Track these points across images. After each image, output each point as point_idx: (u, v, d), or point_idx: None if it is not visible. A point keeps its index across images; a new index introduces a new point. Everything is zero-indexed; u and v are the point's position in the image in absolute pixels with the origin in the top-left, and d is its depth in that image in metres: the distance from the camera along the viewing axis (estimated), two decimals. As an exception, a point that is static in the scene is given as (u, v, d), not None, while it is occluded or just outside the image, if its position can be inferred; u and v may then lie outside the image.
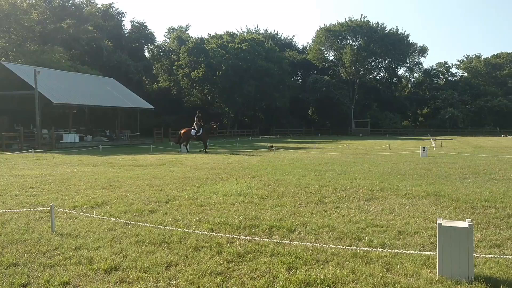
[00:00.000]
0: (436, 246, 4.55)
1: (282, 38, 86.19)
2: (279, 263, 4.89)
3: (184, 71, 59.66)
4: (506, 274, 4.47)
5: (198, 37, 64.37)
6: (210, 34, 65.78)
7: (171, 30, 74.87)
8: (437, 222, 4.44)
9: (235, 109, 61.83)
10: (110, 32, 58.78)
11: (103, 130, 40.79)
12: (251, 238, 5.86)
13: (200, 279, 4.44)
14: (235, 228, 6.50)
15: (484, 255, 5.01)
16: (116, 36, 59.65)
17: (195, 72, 58.26)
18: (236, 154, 23.20)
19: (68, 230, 6.33)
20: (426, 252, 5.11)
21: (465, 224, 4.37)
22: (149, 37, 66.56)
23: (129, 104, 41.14)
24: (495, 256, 4.97)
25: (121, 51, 58.04)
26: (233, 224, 6.67)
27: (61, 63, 44.57)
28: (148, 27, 67.46)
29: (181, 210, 7.83)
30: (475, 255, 4.86)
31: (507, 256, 4.94)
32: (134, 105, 41.85)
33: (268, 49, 63.46)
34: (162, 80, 64.60)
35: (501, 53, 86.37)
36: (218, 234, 6.08)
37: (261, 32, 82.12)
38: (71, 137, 33.07)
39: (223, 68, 57.48)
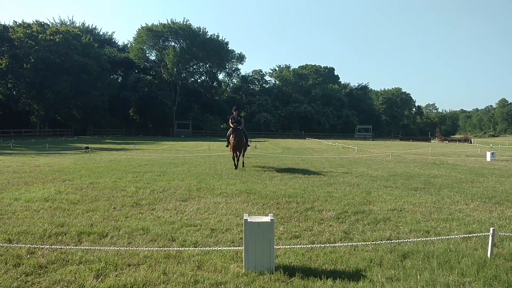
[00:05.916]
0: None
1: (101, 33, 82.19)
2: (87, 270, 4.62)
3: (-17, 61, 51.95)
4: (302, 262, 5.00)
5: (1, 24, 56.75)
6: (16, 22, 58.44)
7: (-35, 12, 64.39)
8: (244, 218, 4.72)
9: (46, 106, 56.30)
10: None
11: None
12: (56, 246, 5.39)
13: (-12, 298, 3.90)
14: (39, 237, 5.90)
15: (284, 246, 5.52)
16: None
17: (-3, 63, 51.32)
18: (46, 155, 21.10)
19: None
20: (235, 248, 5.40)
21: (267, 219, 4.73)
22: None
23: None
24: (294, 246, 5.53)
25: None
26: (36, 233, 6.04)
27: None
28: None
29: (-30, 221, 6.74)
30: (277, 247, 5.33)
31: (303, 246, 5.54)
32: None
33: (86, 44, 59.59)
34: (-49, 70, 54.80)
35: (306, 65, 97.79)
36: (17, 245, 5.41)
37: (77, 25, 76.60)
38: None
39: (32, 60, 52.04)
